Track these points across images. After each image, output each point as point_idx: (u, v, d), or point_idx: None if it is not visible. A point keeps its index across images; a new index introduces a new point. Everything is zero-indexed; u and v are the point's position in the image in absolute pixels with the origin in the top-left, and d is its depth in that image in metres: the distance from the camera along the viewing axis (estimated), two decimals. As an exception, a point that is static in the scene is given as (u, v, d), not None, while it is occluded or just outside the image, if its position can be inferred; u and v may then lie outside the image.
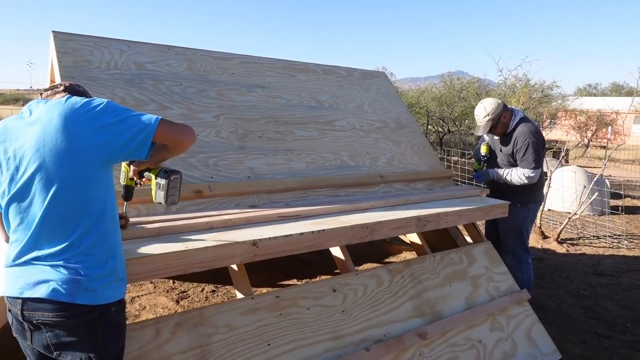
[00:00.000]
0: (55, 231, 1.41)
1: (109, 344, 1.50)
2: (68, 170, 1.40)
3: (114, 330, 1.52)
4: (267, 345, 2.13)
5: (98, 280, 1.45)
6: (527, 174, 3.34)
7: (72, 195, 1.41)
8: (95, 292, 1.44)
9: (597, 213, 7.43)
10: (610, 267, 5.02)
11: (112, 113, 1.46)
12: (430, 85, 16.69)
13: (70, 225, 1.42)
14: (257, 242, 2.09)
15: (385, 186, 3.26)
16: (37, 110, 1.45)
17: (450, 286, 2.92)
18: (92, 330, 1.45)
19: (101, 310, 1.46)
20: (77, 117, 1.42)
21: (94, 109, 1.44)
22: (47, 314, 1.40)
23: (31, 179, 1.39)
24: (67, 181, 1.40)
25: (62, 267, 1.40)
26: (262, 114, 3.11)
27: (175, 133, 1.56)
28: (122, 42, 2.89)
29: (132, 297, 3.78)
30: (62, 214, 1.41)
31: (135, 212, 2.21)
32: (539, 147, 3.35)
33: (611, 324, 3.63)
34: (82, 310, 1.42)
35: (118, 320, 1.54)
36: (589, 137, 20.68)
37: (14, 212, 1.43)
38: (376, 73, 4.25)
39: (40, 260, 1.41)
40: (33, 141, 1.39)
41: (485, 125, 3.43)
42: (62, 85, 1.61)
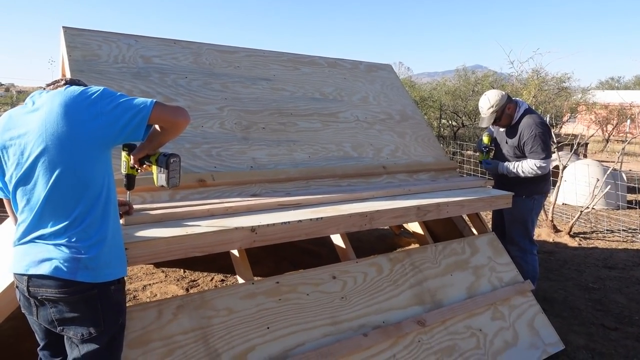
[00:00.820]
0: (57, 210, 1.50)
1: (108, 320, 1.59)
2: (69, 153, 1.48)
3: (114, 307, 1.61)
4: (267, 329, 2.20)
5: (97, 259, 1.53)
6: (538, 164, 3.33)
7: (72, 177, 1.50)
8: (94, 270, 1.52)
9: (612, 207, 7.31)
10: (622, 260, 4.96)
11: (108, 98, 1.55)
12: (445, 79, 16.55)
13: (70, 204, 1.51)
14: (255, 229, 2.15)
15: (388, 177, 3.29)
16: (40, 99, 1.55)
17: (452, 275, 2.94)
18: (92, 307, 1.54)
19: (100, 288, 1.54)
20: (77, 104, 1.50)
21: (91, 95, 1.53)
22: (50, 289, 1.49)
23: (35, 162, 1.48)
24: (68, 163, 1.49)
25: (64, 245, 1.50)
26: (266, 106, 3.17)
27: (169, 114, 1.64)
28: (130, 36, 2.98)
29: (144, 285, 3.90)
30: (64, 194, 1.50)
31: (139, 200, 2.30)
32: (546, 137, 3.34)
33: (619, 316, 3.60)
34: (82, 288, 1.51)
35: (117, 299, 1.63)
36: (610, 131, 20.22)
37: (21, 194, 1.53)
38: (382, 65, 4.27)
39: (44, 239, 1.51)
40: (36, 127, 1.48)
41: (489, 117, 3.43)
42: (64, 79, 1.70)
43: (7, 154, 1.54)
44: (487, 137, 3.59)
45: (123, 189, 1.92)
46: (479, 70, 17.25)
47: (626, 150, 10.19)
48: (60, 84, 1.67)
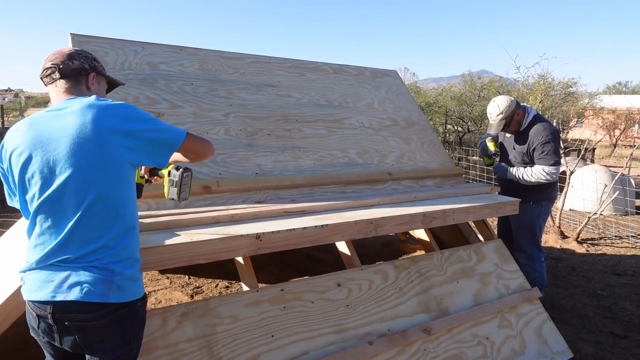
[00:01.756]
0: (88, 234, 1.45)
1: (137, 337, 1.58)
2: (103, 174, 1.45)
3: (140, 324, 1.60)
4: (271, 337, 2.18)
5: (129, 279, 1.51)
6: (547, 170, 3.30)
7: (107, 198, 1.46)
8: (126, 290, 1.49)
9: (621, 213, 7.24)
10: (631, 267, 4.90)
11: (142, 121, 1.53)
12: (450, 85, 16.52)
13: (104, 227, 1.46)
14: (260, 236, 2.14)
15: (394, 183, 3.28)
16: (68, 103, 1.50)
17: (458, 283, 2.92)
18: (122, 327, 1.51)
19: (130, 307, 1.52)
20: (110, 122, 1.46)
21: (125, 113, 1.50)
22: (80, 315, 1.43)
23: (66, 183, 1.42)
24: (103, 185, 1.45)
25: (94, 267, 1.44)
26: (271, 112, 3.17)
27: (198, 147, 1.69)
28: (137, 43, 3.00)
29: (149, 292, 3.90)
30: (97, 217, 1.45)
31: (145, 207, 2.30)
32: (556, 144, 3.32)
33: (628, 324, 3.55)
34: (113, 308, 1.47)
35: (142, 314, 1.62)
36: (617, 136, 20.08)
37: (44, 215, 1.45)
38: (387, 71, 4.26)
39: (70, 262, 1.44)
40: (68, 146, 1.42)
41: (498, 123, 3.41)
42: (54, 67, 1.58)
43: (30, 166, 1.45)
44: (492, 142, 3.56)
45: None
46: (485, 76, 17.21)
47: (634, 155, 10.11)
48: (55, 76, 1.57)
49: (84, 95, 1.58)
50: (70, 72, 1.59)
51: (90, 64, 1.65)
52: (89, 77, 1.63)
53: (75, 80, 1.60)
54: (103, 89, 1.73)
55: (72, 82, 1.59)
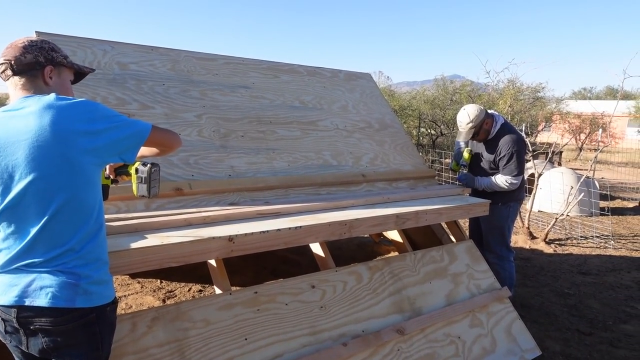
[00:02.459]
0: (53, 238, 1.41)
1: (106, 342, 1.54)
2: (66, 178, 1.40)
3: (110, 329, 1.56)
4: (244, 340, 2.16)
5: (97, 283, 1.47)
6: (510, 180, 3.44)
7: (72, 202, 1.41)
8: (93, 295, 1.45)
9: (586, 214, 7.49)
10: (595, 266, 5.07)
11: (105, 119, 1.47)
12: (424, 88, 16.79)
13: (69, 231, 1.42)
14: (233, 238, 2.12)
15: (368, 185, 3.30)
16: (27, 113, 1.40)
17: (431, 283, 2.96)
18: (90, 332, 1.47)
19: (98, 312, 1.47)
20: (70, 123, 1.40)
21: (86, 113, 1.44)
22: (45, 319, 1.39)
23: (26, 190, 1.37)
24: (67, 189, 1.40)
25: (60, 271, 1.40)
26: (245, 114, 3.15)
27: (165, 139, 1.67)
28: (106, 42, 2.93)
29: (119, 297, 3.80)
30: (62, 221, 1.41)
31: (114, 209, 2.25)
32: (520, 155, 3.46)
33: (593, 321, 3.67)
34: (80, 313, 1.43)
35: (112, 319, 1.57)
36: (583, 140, 20.81)
37: (7, 221, 1.41)
38: (361, 74, 4.30)
39: (35, 266, 1.40)
40: (27, 150, 1.36)
41: (467, 132, 3.48)
42: (7, 63, 1.48)
43: None
44: (468, 153, 3.66)
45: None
46: (457, 80, 17.57)
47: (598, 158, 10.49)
48: (8, 73, 1.48)
49: (43, 92, 1.50)
50: (23, 67, 1.48)
51: (47, 56, 1.53)
52: (45, 71, 1.52)
53: (30, 75, 1.50)
54: (65, 81, 1.62)
55: (27, 77, 1.49)
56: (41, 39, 1.57)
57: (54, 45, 1.58)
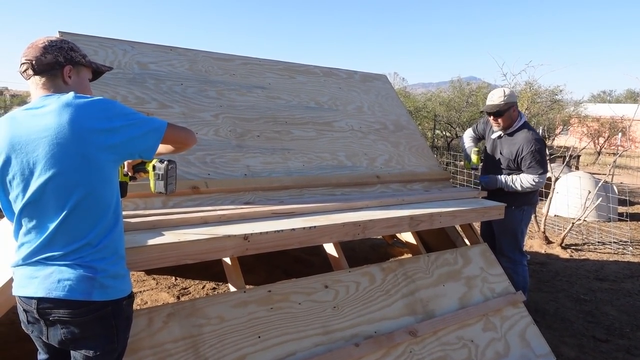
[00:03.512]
0: (71, 233, 1.45)
1: (121, 336, 1.57)
2: (84, 175, 1.43)
3: (125, 323, 1.60)
4: (258, 338, 2.18)
5: (113, 277, 1.51)
6: (536, 180, 3.37)
7: (89, 198, 1.45)
8: (109, 288, 1.49)
9: (604, 219, 7.37)
10: (613, 272, 4.99)
11: (122, 116, 1.51)
12: (439, 90, 16.68)
13: (87, 226, 1.46)
14: (248, 237, 2.14)
15: (382, 186, 3.30)
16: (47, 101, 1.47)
17: (444, 286, 2.95)
18: (106, 325, 1.51)
19: (114, 305, 1.52)
20: (88, 121, 1.44)
21: (104, 111, 1.48)
22: (63, 311, 1.44)
23: (46, 184, 1.42)
24: (85, 186, 1.44)
25: (77, 265, 1.44)
26: (261, 114, 3.18)
27: (181, 137, 1.71)
28: (126, 42, 2.99)
29: (135, 293, 3.86)
30: (80, 216, 1.45)
31: (132, 206, 2.29)
32: (542, 153, 3.40)
33: (609, 328, 3.62)
34: (97, 306, 1.47)
35: (128, 313, 1.61)
36: (601, 144, 20.46)
37: (29, 216, 1.46)
38: (377, 76, 4.30)
39: (54, 259, 1.45)
40: (47, 147, 1.41)
41: (497, 104, 3.41)
42: (28, 63, 1.53)
43: (10, 167, 1.44)
44: (476, 155, 3.62)
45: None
46: (473, 82, 17.42)
47: (617, 163, 10.29)
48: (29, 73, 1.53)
49: (62, 91, 1.54)
50: (44, 67, 1.53)
51: (66, 56, 1.56)
52: (65, 71, 1.56)
53: (50, 75, 1.54)
54: (84, 80, 1.66)
55: (48, 77, 1.54)
56: (61, 38, 1.60)
57: (73, 45, 1.62)
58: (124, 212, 2.09)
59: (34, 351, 1.59)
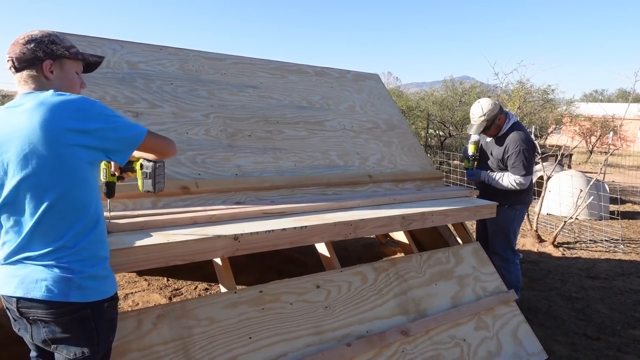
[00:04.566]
0: (47, 234, 1.43)
1: (102, 339, 1.54)
2: (58, 175, 1.40)
3: (107, 325, 1.56)
4: (249, 339, 2.17)
5: (91, 279, 1.48)
6: (518, 180, 3.39)
7: (65, 200, 1.43)
8: (88, 290, 1.46)
9: (595, 217, 7.41)
10: (604, 270, 5.02)
11: (101, 118, 1.46)
12: (432, 89, 16.73)
13: (63, 228, 1.44)
14: (238, 237, 2.13)
15: (374, 186, 3.29)
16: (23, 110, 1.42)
17: (436, 285, 2.94)
18: (85, 326, 1.48)
19: (93, 307, 1.49)
20: (62, 121, 1.40)
21: (81, 111, 1.43)
22: (42, 311, 1.43)
23: (19, 185, 1.40)
24: (58, 186, 1.41)
25: (55, 266, 1.42)
26: (253, 113, 3.16)
27: (159, 146, 1.68)
28: (115, 42, 2.96)
29: (126, 294, 3.83)
30: (56, 218, 1.43)
31: (121, 207, 2.26)
32: (529, 154, 3.40)
33: (601, 326, 3.63)
34: (75, 308, 1.45)
35: (110, 316, 1.58)
36: (593, 142, 20.61)
37: (6, 215, 1.45)
38: (369, 75, 4.29)
39: (32, 259, 1.43)
40: (18, 147, 1.38)
41: (479, 125, 3.45)
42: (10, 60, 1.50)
43: None
44: (473, 145, 3.63)
45: (103, 197, 1.89)
46: (466, 81, 17.47)
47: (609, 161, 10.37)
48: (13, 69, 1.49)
49: (44, 87, 1.51)
50: (24, 63, 1.49)
51: (45, 50, 1.51)
52: (44, 66, 1.51)
53: (30, 71, 1.50)
54: (69, 74, 1.59)
55: (29, 73, 1.50)
56: (45, 32, 1.54)
57: (55, 38, 1.54)
58: (112, 213, 2.08)
59: (24, 354, 1.57)
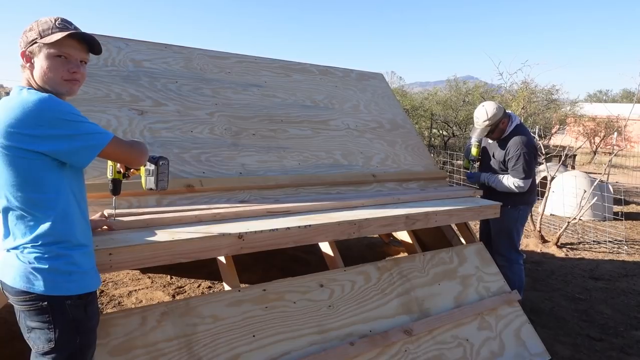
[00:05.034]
0: (13, 230, 1.48)
1: (61, 338, 1.49)
2: (11, 176, 1.42)
3: (69, 324, 1.51)
4: (252, 337, 2.17)
5: (50, 272, 1.47)
6: (517, 183, 3.40)
7: (22, 200, 1.44)
8: (46, 282, 1.46)
9: (599, 218, 7.39)
10: (608, 271, 5.01)
11: (58, 124, 1.41)
12: (436, 89, 16.70)
13: (25, 225, 1.46)
14: (243, 235, 2.13)
15: (378, 185, 3.29)
16: None
17: (440, 285, 2.94)
18: (44, 320, 1.48)
19: (51, 301, 1.47)
20: (14, 123, 1.37)
21: (37, 117, 1.39)
22: (11, 297, 1.50)
23: None
24: (17, 185, 1.42)
25: (22, 256, 1.47)
26: (257, 112, 3.16)
27: (124, 155, 1.63)
28: (120, 40, 2.97)
29: (130, 291, 3.84)
30: (17, 216, 1.46)
31: (126, 204, 2.27)
32: (530, 157, 3.39)
33: (604, 327, 3.63)
34: (34, 298, 1.46)
35: (75, 316, 1.52)
36: (597, 143, 20.53)
37: None
38: (373, 74, 4.29)
39: (4, 249, 1.50)
40: None
41: (483, 129, 3.45)
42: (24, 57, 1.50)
43: None
44: (476, 148, 3.63)
45: (109, 194, 1.90)
46: (470, 81, 17.44)
47: (613, 162, 10.34)
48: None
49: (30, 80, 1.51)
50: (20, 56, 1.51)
51: (25, 40, 1.48)
52: (22, 57, 1.51)
53: (21, 64, 1.51)
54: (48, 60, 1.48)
55: (21, 67, 1.52)
56: (33, 23, 1.50)
57: (34, 24, 1.49)
58: (117, 210, 2.08)
59: (26, 351, 1.57)
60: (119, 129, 2.50)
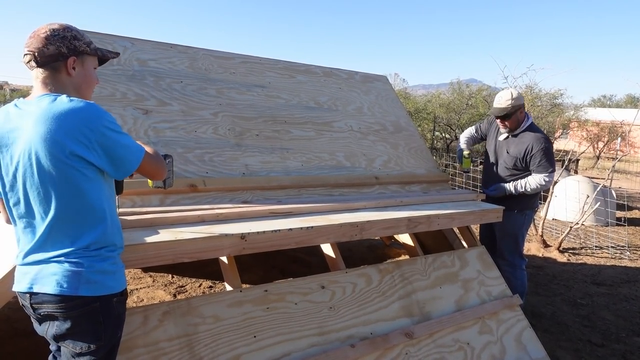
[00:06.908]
0: (58, 237, 1.46)
1: (108, 334, 1.55)
2: (62, 187, 1.41)
3: (115, 321, 1.57)
4: (253, 337, 2.18)
5: (100, 273, 1.50)
6: (545, 179, 3.36)
7: (70, 207, 1.44)
8: (97, 284, 1.48)
9: (602, 223, 7.37)
10: (610, 277, 4.99)
11: (105, 133, 1.45)
12: (439, 92, 16.69)
13: (72, 230, 1.46)
14: (245, 236, 2.14)
15: (380, 187, 3.29)
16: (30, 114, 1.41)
17: (441, 288, 2.94)
18: (93, 321, 1.50)
19: (102, 301, 1.50)
20: (64, 134, 1.38)
21: (86, 126, 1.41)
22: (52, 306, 1.45)
23: (26, 192, 1.43)
24: (65, 191, 1.42)
25: (66, 262, 1.45)
26: (261, 113, 3.17)
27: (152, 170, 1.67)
28: (126, 39, 2.98)
29: (131, 290, 3.85)
30: (65, 223, 1.45)
31: (129, 203, 2.28)
32: (551, 152, 3.39)
33: (606, 333, 3.62)
34: (84, 302, 1.46)
35: (119, 311, 1.59)
36: (601, 148, 20.48)
37: (18, 215, 1.48)
38: (377, 76, 4.29)
39: (45, 260, 1.46)
40: (25, 156, 1.39)
41: (503, 107, 3.36)
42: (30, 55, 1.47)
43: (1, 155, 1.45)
44: (467, 159, 3.63)
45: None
46: (473, 84, 17.42)
47: (616, 167, 10.31)
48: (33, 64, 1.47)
49: (63, 85, 1.51)
50: (46, 59, 1.47)
51: (69, 46, 1.49)
52: (68, 63, 1.51)
53: (52, 68, 1.49)
54: (88, 70, 1.59)
55: (50, 70, 1.49)
56: (64, 26, 1.53)
57: (76, 33, 1.54)
58: (120, 210, 2.09)
59: (28, 348, 1.59)
60: (123, 128, 2.49)
